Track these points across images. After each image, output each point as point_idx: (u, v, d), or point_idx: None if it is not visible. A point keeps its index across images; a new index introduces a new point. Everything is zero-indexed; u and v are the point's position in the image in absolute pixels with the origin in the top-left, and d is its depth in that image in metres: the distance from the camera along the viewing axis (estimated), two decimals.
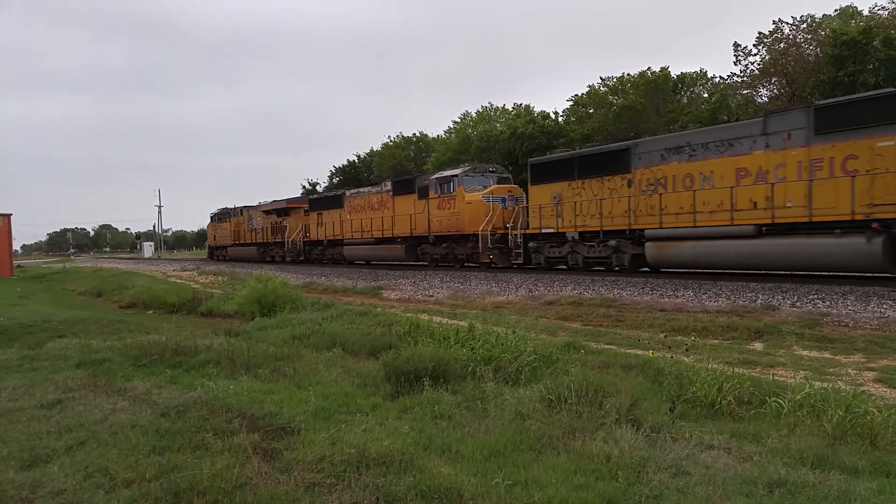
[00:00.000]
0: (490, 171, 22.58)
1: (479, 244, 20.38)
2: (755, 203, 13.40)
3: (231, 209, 42.66)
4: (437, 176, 23.14)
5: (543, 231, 18.53)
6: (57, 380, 6.38)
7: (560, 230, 18.06)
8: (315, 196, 33.25)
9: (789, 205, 12.74)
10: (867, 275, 12.35)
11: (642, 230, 15.74)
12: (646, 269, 16.53)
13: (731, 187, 13.81)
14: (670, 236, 15.05)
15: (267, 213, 36.02)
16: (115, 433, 4.58)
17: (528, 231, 19.18)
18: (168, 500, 3.44)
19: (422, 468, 3.74)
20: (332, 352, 8.27)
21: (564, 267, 18.60)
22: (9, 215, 35.97)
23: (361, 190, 28.82)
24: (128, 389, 5.95)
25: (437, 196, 22.44)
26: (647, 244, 15.53)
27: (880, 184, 11.45)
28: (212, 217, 46.21)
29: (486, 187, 21.51)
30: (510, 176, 23.84)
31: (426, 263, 24.00)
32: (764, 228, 13.27)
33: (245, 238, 38.65)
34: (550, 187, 18.41)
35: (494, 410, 5.13)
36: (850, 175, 11.81)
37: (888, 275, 12.06)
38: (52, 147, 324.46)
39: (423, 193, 23.19)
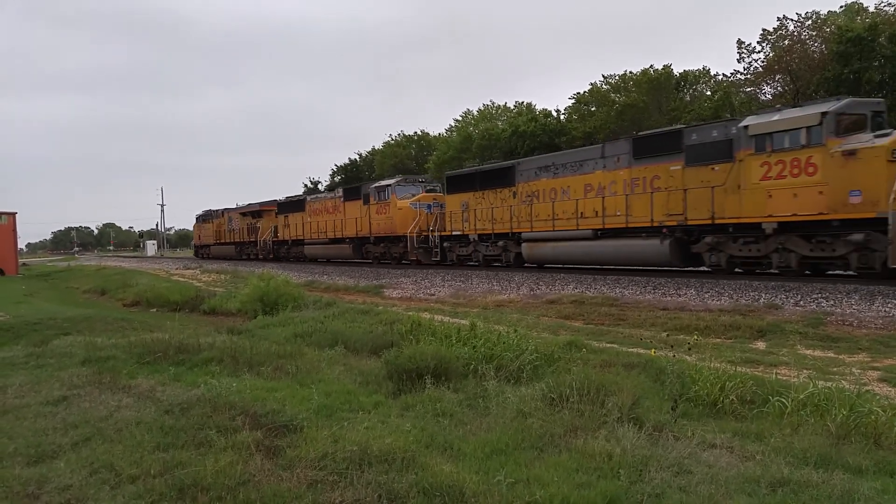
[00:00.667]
0: (419, 182, 26.24)
1: (408, 244, 23.82)
2: (596, 212, 16.83)
3: (213, 211, 45.80)
4: (375, 185, 26.61)
5: (453, 233, 22.31)
6: (62, 377, 6.41)
7: (465, 233, 21.75)
8: (282, 200, 36.08)
9: (618, 214, 16.16)
10: (866, 273, 12.35)
11: (520, 233, 19.34)
12: (530, 265, 19.95)
13: (578, 199, 17.45)
14: (538, 238, 18.75)
15: (243, 214, 39.56)
16: (119, 430, 4.61)
17: (443, 233, 22.91)
18: (172, 496, 3.46)
19: (424, 466, 3.75)
20: (334, 350, 8.28)
21: (474, 263, 21.91)
22: (14, 214, 36.11)
23: (320, 195, 32.26)
24: (132, 387, 5.98)
25: (376, 202, 25.86)
26: (523, 244, 19.24)
27: (672, 199, 14.83)
28: (197, 218, 49.03)
29: (414, 195, 24.62)
30: (438, 186, 26.17)
31: (370, 260, 27.42)
32: (599, 232, 16.75)
33: (225, 238, 42.12)
34: (460, 196, 21.98)
35: (496, 409, 5.14)
36: (654, 191, 15.25)
37: (679, 268, 15.73)
38: (55, 146, 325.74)
39: (367, 200, 26.53)
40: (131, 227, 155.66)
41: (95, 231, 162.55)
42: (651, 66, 39.54)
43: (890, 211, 10.97)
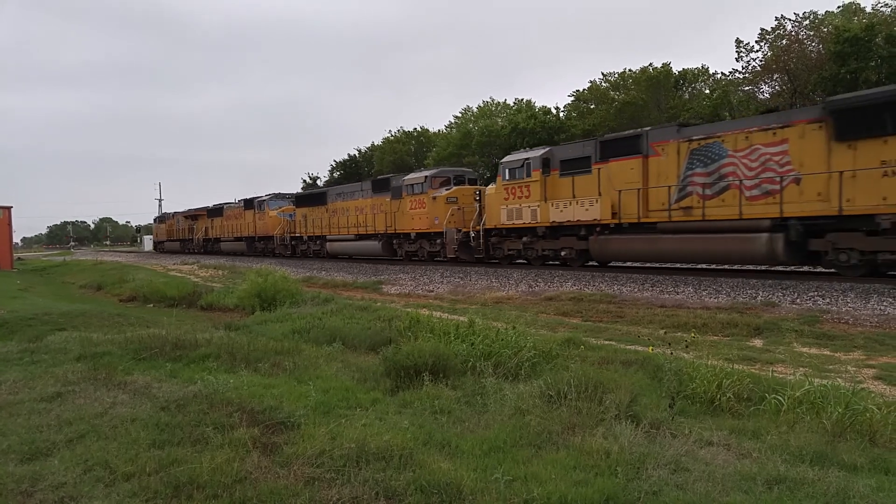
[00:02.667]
0: (286, 197, 36.09)
1: (275, 241, 34.81)
2: (357, 224, 27.22)
3: (166, 214, 58.03)
4: (258, 199, 37.21)
5: (296, 235, 33.20)
6: (57, 373, 6.38)
7: (302, 234, 32.56)
8: (210, 207, 45.22)
9: (365, 225, 26.68)
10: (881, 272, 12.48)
11: (325, 236, 30.02)
12: (334, 256, 30.23)
13: (349, 216, 27.95)
14: (333, 239, 29.51)
15: (186, 217, 49.70)
16: (115, 427, 4.58)
17: (292, 234, 33.63)
18: (168, 493, 3.44)
19: (421, 463, 3.74)
20: (332, 346, 8.27)
21: (311, 255, 31.85)
22: (9, 208, 35.99)
23: (232, 205, 41.54)
24: (128, 383, 5.95)
25: (259, 212, 36.70)
26: (327, 243, 30.02)
27: (385, 218, 25.21)
28: (155, 219, 61.60)
29: (282, 207, 35.13)
30: None
31: (259, 254, 37.31)
32: (357, 236, 27.33)
33: (174, 235, 52.30)
34: (303, 210, 32.50)
35: (494, 406, 5.14)
36: (378, 213, 25.74)
37: (385, 256, 26.19)
38: (52, 140, 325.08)
39: (255, 209, 37.20)
40: (128, 222, 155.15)
41: (92, 226, 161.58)
42: (650, 65, 39.62)
43: (445, 228, 21.75)
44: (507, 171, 19.51)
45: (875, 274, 12.26)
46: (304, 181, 67.10)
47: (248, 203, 38.10)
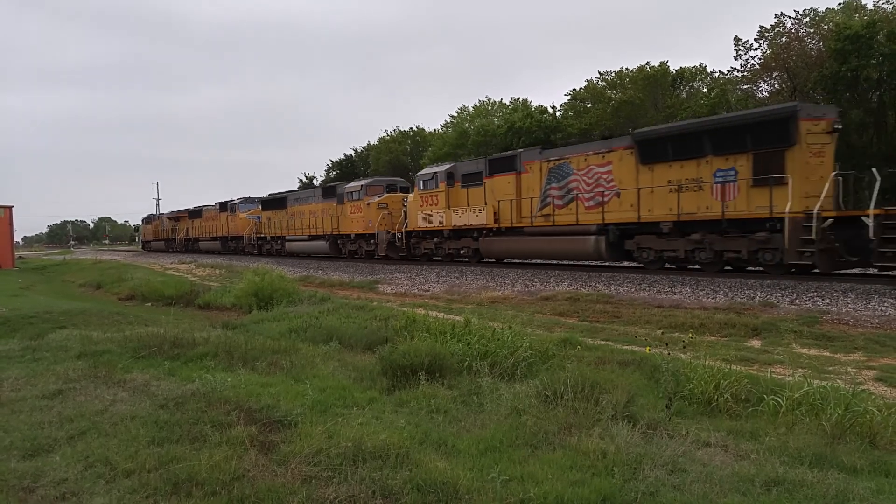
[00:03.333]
0: (254, 201, 39.44)
1: (244, 241, 38.81)
2: (314, 225, 30.35)
3: (153, 215, 63.69)
4: (230, 202, 41.40)
5: (262, 236, 36.91)
6: (58, 370, 6.40)
7: (266, 235, 36.27)
8: (191, 209, 49.18)
9: (315, 227, 29.98)
10: (867, 273, 12.61)
11: (285, 236, 33.54)
12: (291, 254, 33.59)
13: (303, 219, 31.37)
14: (290, 239, 32.94)
15: (170, 219, 54.26)
16: (115, 424, 4.60)
17: (259, 235, 37.27)
18: (167, 490, 3.46)
19: (418, 462, 3.75)
20: (328, 345, 8.28)
21: (273, 253, 35.37)
22: (10, 207, 36.00)
23: (210, 207, 45.41)
24: (127, 381, 5.97)
25: (231, 214, 40.91)
26: (286, 243, 33.43)
27: (332, 220, 28.63)
28: (142, 220, 66.53)
29: (250, 210, 38.98)
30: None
31: (231, 252, 40.99)
32: (309, 236, 30.78)
33: (160, 235, 56.68)
34: (268, 213, 36.25)
35: (490, 405, 5.14)
36: (326, 216, 29.12)
37: (332, 254, 30.30)
38: (52, 140, 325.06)
39: (228, 211, 41.34)
40: (126, 221, 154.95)
41: (91, 225, 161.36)
42: (647, 63, 39.58)
43: (377, 230, 25.29)
44: (421, 182, 23.25)
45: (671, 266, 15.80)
46: (301, 180, 67.14)
47: (223, 206, 42.21)
